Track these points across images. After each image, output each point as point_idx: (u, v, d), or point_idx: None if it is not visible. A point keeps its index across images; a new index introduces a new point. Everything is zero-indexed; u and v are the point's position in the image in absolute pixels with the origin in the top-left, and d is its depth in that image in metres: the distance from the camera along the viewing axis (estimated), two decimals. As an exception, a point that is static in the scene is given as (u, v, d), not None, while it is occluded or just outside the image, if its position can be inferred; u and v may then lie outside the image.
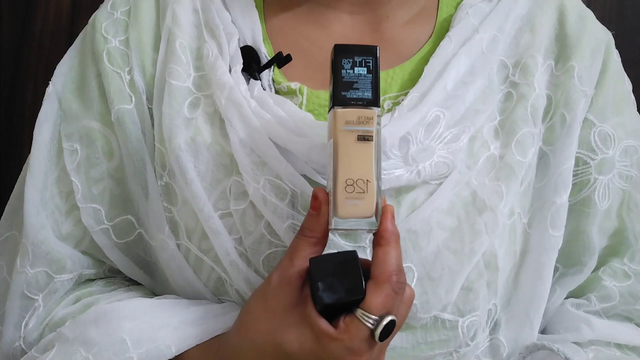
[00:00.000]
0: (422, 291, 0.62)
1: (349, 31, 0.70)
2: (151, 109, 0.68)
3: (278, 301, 0.56)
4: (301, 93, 0.66)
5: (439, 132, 0.64)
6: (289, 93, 0.67)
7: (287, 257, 0.56)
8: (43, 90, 0.70)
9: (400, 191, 0.63)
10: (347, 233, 0.62)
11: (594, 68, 0.69)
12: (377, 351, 0.55)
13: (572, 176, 0.68)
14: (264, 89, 0.67)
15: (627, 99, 0.72)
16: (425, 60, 0.67)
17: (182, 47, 0.68)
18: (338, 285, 0.53)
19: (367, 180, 0.54)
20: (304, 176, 0.63)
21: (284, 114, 0.64)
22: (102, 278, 0.73)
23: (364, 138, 0.55)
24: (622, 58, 0.73)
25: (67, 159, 0.68)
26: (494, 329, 0.68)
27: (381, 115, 0.59)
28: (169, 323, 0.62)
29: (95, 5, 0.73)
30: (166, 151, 0.66)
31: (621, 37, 0.75)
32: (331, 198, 0.55)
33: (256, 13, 0.70)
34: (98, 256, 0.71)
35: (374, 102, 0.55)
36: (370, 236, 0.61)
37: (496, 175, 0.65)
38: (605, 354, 0.67)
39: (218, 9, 0.69)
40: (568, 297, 0.72)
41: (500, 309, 0.67)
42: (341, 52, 0.55)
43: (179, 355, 0.61)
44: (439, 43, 0.68)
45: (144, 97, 0.68)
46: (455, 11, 0.71)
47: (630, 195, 0.70)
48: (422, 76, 0.66)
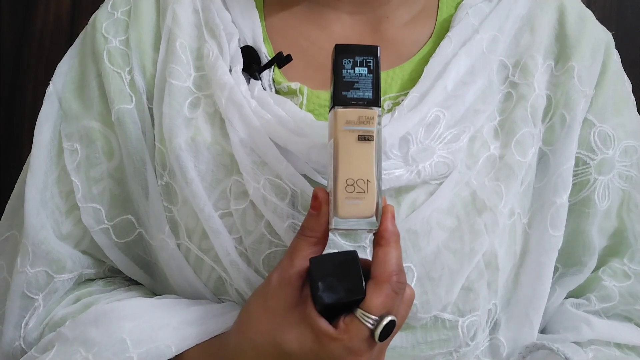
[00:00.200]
0: (422, 291, 0.62)
1: (349, 31, 0.70)
2: (151, 109, 0.68)
3: (278, 301, 0.56)
4: (301, 93, 0.66)
5: (439, 132, 0.64)
6: (289, 93, 0.67)
7: (287, 257, 0.56)
8: (43, 90, 0.70)
9: (400, 191, 0.63)
10: (347, 233, 0.62)
11: (594, 68, 0.69)
12: (377, 351, 0.55)
13: (572, 176, 0.68)
14: (264, 89, 0.67)
15: (627, 100, 0.72)
16: (425, 60, 0.67)
17: (183, 47, 0.68)
18: (338, 285, 0.53)
19: (368, 180, 0.54)
20: (304, 176, 0.63)
21: (285, 114, 0.63)
22: (102, 278, 0.73)
23: (365, 138, 0.54)
24: (622, 58, 0.73)
25: (67, 159, 0.68)
26: (494, 329, 0.68)
27: (382, 115, 0.59)
28: (169, 323, 0.62)
29: (95, 5, 0.73)
30: (166, 151, 0.66)
31: (621, 37, 0.75)
32: (331, 198, 0.55)
33: (256, 13, 0.70)
34: (98, 256, 0.71)
35: (375, 102, 0.55)
36: (370, 236, 0.61)
37: (496, 175, 0.65)
38: (605, 354, 0.67)
39: (218, 9, 0.69)
40: (568, 297, 0.72)
41: (500, 309, 0.67)
42: (342, 52, 0.55)
43: (179, 355, 0.61)
44: (439, 43, 0.68)
45: (144, 97, 0.68)
46: (455, 11, 0.71)
47: (630, 195, 0.70)
48: (422, 76, 0.66)
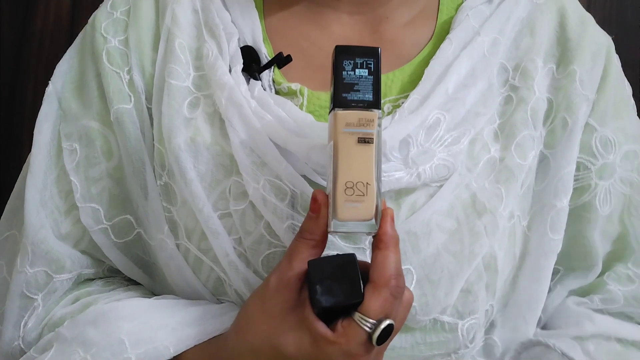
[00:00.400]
0: (422, 293, 0.62)
1: (349, 31, 0.69)
2: (150, 109, 0.68)
3: (276, 304, 0.56)
4: (302, 94, 0.66)
5: (440, 135, 0.64)
6: (290, 94, 0.67)
7: (286, 260, 0.56)
8: (43, 90, 0.70)
9: (400, 193, 0.63)
10: (347, 235, 0.62)
11: (595, 72, 0.69)
12: (375, 355, 0.55)
13: (573, 181, 0.68)
14: (264, 90, 0.66)
15: (627, 103, 0.72)
16: (425, 62, 0.67)
17: (182, 47, 0.68)
18: (336, 288, 0.53)
19: (367, 183, 0.54)
20: (304, 177, 0.62)
21: (285, 115, 0.63)
22: (101, 278, 0.73)
23: (365, 140, 0.54)
24: (622, 58, 0.72)
25: (67, 159, 0.68)
26: (489, 329, 0.68)
27: (382, 117, 0.59)
28: (168, 323, 0.62)
29: (95, 5, 0.72)
30: (165, 151, 0.65)
31: (621, 38, 0.75)
32: (331, 200, 0.54)
33: (256, 13, 0.70)
34: (97, 256, 0.70)
35: (375, 105, 0.55)
36: (370, 237, 0.60)
37: (496, 178, 0.65)
38: (605, 347, 0.67)
39: (218, 9, 0.69)
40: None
41: (496, 310, 0.67)
42: (342, 54, 0.55)
43: (177, 355, 0.61)
44: (439, 45, 0.68)
45: (143, 97, 0.68)
46: (455, 13, 0.70)
47: (631, 199, 0.70)
48: (423, 78, 0.66)
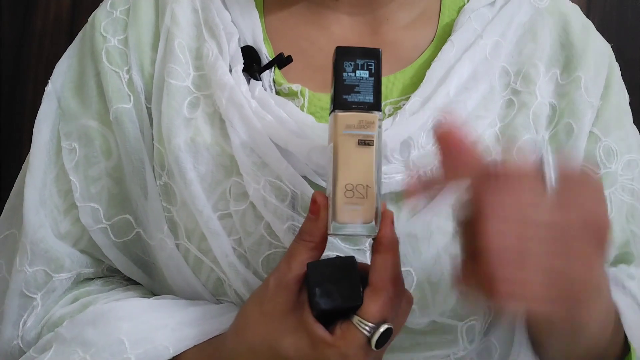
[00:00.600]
0: (422, 295, 0.62)
1: (348, 32, 0.69)
2: (149, 109, 0.68)
3: (275, 306, 0.56)
4: (302, 95, 0.66)
5: None
6: (290, 94, 0.66)
7: (285, 262, 0.56)
8: (43, 89, 0.70)
9: (401, 195, 0.62)
10: (347, 237, 0.61)
11: (599, 80, 0.69)
12: (373, 358, 0.55)
13: None
14: (265, 90, 0.66)
15: (627, 112, 0.72)
16: (427, 64, 0.67)
17: (181, 47, 0.67)
18: (335, 291, 0.53)
19: (367, 185, 0.53)
20: (305, 177, 0.62)
21: (285, 115, 0.63)
22: (101, 277, 0.72)
23: (365, 143, 0.54)
24: (622, 58, 0.72)
25: (66, 158, 0.68)
26: (487, 332, 0.67)
27: (382, 119, 0.59)
28: (167, 324, 0.62)
29: (95, 5, 0.72)
30: (165, 151, 0.65)
31: (621, 37, 0.75)
32: (330, 202, 0.54)
33: (256, 13, 0.70)
34: (96, 255, 0.70)
35: (376, 106, 0.54)
36: (370, 239, 0.60)
37: (497, 180, 0.65)
38: None
39: (218, 9, 0.69)
40: None
41: (494, 312, 0.66)
42: (343, 55, 0.55)
43: (177, 356, 0.61)
44: (441, 47, 0.67)
45: (143, 97, 0.68)
46: (457, 15, 0.70)
47: (633, 207, 0.70)
48: (425, 80, 0.65)
